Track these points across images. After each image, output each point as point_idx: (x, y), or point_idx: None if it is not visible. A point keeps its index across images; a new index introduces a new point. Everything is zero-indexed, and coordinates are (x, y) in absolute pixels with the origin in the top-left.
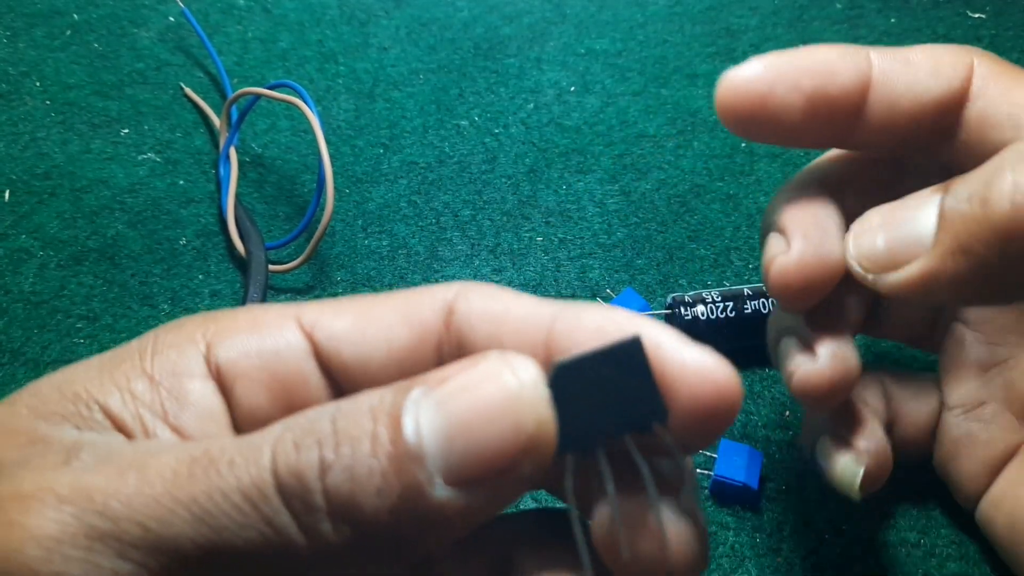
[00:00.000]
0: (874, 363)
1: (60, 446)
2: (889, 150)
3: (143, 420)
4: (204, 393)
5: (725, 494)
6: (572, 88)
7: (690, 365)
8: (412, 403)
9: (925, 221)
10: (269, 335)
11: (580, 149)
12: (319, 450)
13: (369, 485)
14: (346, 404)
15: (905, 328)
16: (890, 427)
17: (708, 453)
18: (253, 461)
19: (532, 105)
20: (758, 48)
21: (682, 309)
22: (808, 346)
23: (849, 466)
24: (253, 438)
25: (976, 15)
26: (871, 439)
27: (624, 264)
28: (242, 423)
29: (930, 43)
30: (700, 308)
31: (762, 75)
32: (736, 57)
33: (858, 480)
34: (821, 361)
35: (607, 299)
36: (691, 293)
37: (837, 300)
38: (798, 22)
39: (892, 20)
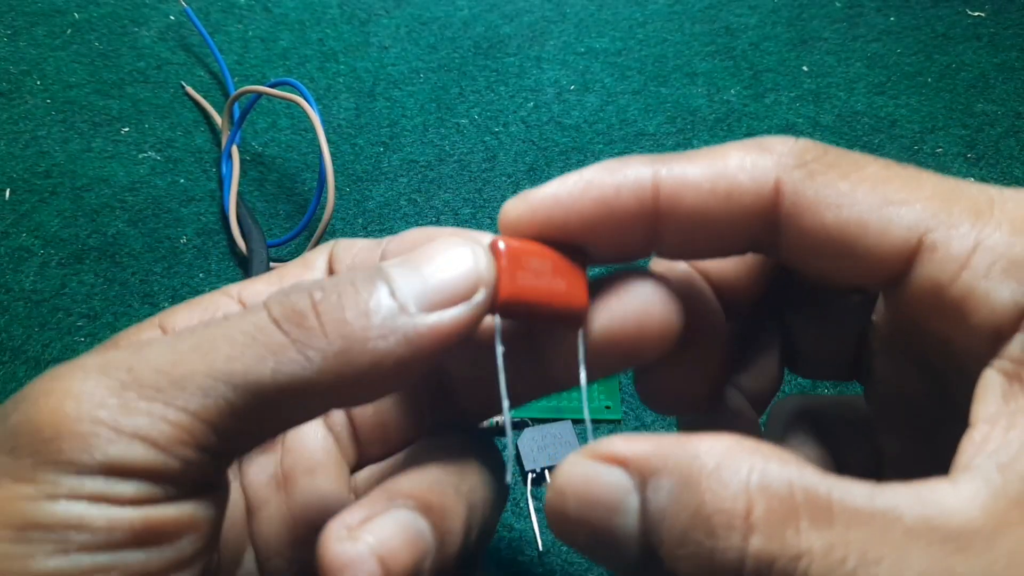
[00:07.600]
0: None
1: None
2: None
3: None
4: None
5: None
6: (572, 87)
7: None
8: (384, 267)
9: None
10: (211, 309)
11: (580, 147)
12: (308, 293)
13: (355, 307)
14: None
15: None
16: None
17: None
18: (248, 311)
19: (532, 104)
20: (757, 47)
21: None
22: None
23: None
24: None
25: (975, 13)
26: None
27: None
28: None
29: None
30: None
31: (536, 211)
32: (735, 55)
33: None
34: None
35: None
36: None
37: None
38: (797, 20)
39: (891, 19)
